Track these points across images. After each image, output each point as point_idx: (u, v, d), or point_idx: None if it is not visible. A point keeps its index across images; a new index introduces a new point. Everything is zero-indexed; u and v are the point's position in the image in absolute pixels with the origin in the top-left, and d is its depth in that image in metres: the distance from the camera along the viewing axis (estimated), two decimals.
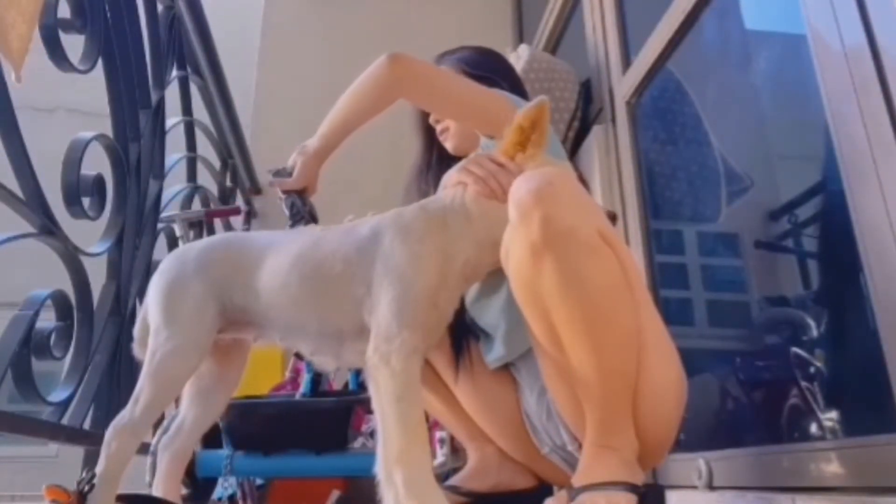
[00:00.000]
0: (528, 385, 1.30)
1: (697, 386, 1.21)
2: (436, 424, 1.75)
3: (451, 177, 1.22)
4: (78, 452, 1.54)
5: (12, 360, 1.28)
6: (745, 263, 1.71)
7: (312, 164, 1.34)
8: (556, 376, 1.17)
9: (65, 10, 1.49)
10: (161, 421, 1.46)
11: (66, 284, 1.53)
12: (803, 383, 1.34)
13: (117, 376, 1.68)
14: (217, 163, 3.05)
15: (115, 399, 1.63)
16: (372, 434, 1.75)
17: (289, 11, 3.74)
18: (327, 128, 1.35)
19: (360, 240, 1.15)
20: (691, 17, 1.72)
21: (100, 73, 1.67)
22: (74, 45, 1.54)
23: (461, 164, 1.20)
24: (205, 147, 2.84)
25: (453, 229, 1.13)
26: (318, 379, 1.72)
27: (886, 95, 1.01)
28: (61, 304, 1.48)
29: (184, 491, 1.52)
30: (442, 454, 1.81)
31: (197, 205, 2.70)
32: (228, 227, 2.90)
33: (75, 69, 1.53)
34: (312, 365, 1.54)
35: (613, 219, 1.22)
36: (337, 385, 1.98)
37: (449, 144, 1.49)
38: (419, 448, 1.02)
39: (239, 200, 3.21)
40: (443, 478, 1.51)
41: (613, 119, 2.16)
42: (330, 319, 1.16)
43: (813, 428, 1.30)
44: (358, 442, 1.79)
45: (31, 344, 1.33)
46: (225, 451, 1.65)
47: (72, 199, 1.49)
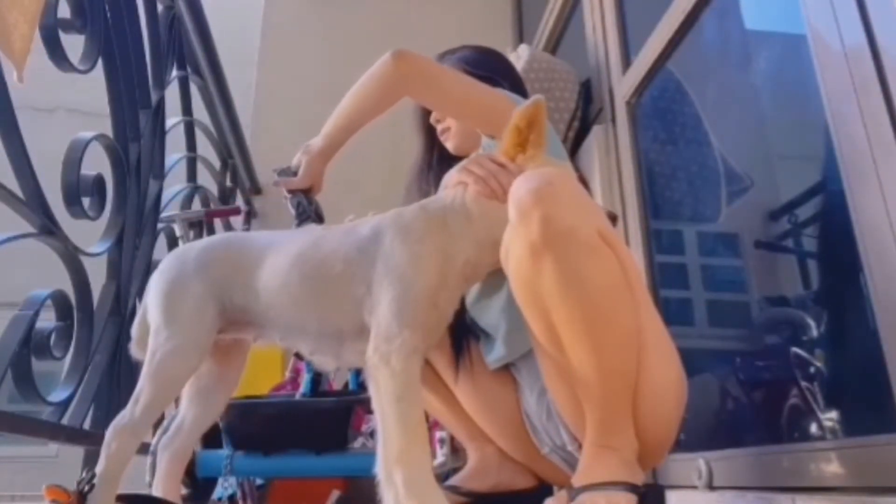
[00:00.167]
0: (528, 385, 1.30)
1: (697, 386, 1.21)
2: (436, 424, 1.75)
3: (451, 177, 1.22)
4: (78, 452, 1.54)
5: (12, 360, 1.28)
6: (745, 263, 1.71)
7: (317, 163, 1.34)
8: (556, 376, 1.17)
9: (65, 10, 1.49)
10: (161, 421, 1.46)
11: (66, 284, 1.53)
12: (803, 383, 1.34)
13: (117, 376, 1.68)
14: (217, 163, 3.05)
15: (115, 399, 1.63)
16: (372, 434, 1.75)
17: (289, 11, 3.74)
18: (332, 126, 1.34)
19: (360, 240, 1.15)
20: (691, 17, 1.72)
21: (100, 73, 1.67)
22: (74, 45, 1.54)
23: (462, 164, 1.20)
24: (205, 147, 2.84)
25: (453, 229, 1.13)
26: (318, 379, 1.72)
27: (886, 95, 1.01)
28: (61, 304, 1.48)
29: (184, 491, 1.52)
30: (442, 454, 1.81)
31: (197, 205, 2.70)
32: (228, 227, 2.90)
33: (75, 69, 1.53)
34: (312, 365, 1.54)
35: (614, 220, 1.22)
36: (337, 385, 1.98)
37: (450, 144, 1.49)
38: (419, 448, 1.02)
39: (239, 200, 3.21)
40: (443, 478, 1.51)
41: (613, 119, 2.17)
42: (330, 319, 1.16)
43: (813, 428, 1.30)
44: (358, 442, 1.79)
45: (31, 344, 1.33)
46: (225, 451, 1.65)
47: (72, 199, 1.49)
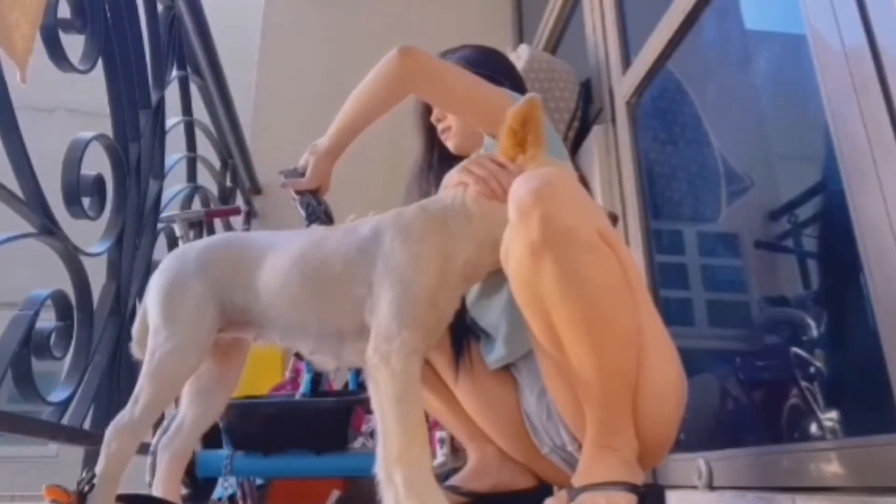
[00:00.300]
0: (528, 385, 1.30)
1: (697, 386, 1.21)
2: (436, 424, 1.75)
3: (452, 177, 1.22)
4: (78, 452, 1.54)
5: (12, 360, 1.28)
6: (745, 263, 1.71)
7: (325, 163, 1.33)
8: (556, 376, 1.17)
9: (65, 10, 1.49)
10: (161, 421, 1.46)
11: (66, 284, 1.53)
12: (803, 383, 1.34)
13: (117, 376, 1.68)
14: (217, 163, 3.05)
15: (115, 399, 1.63)
16: (372, 434, 1.75)
17: (289, 11, 3.74)
18: (338, 125, 1.34)
19: (360, 240, 1.15)
20: (691, 17, 1.72)
21: (100, 73, 1.67)
22: (74, 45, 1.54)
23: (462, 164, 1.20)
24: (205, 147, 2.84)
25: (454, 229, 1.13)
26: (318, 379, 1.72)
27: (886, 95, 1.01)
28: (61, 304, 1.48)
29: (184, 491, 1.52)
30: (442, 454, 1.81)
31: (197, 205, 2.70)
32: (228, 227, 2.90)
33: (75, 69, 1.53)
34: (312, 365, 1.54)
35: (615, 220, 1.22)
36: (337, 385, 1.99)
37: (450, 144, 1.49)
38: (419, 448, 1.02)
39: (239, 200, 3.21)
40: (443, 478, 1.51)
41: (613, 119, 2.16)
42: (330, 319, 1.16)
43: (813, 428, 1.30)
44: (358, 442, 1.79)
45: (31, 344, 1.33)
46: (225, 451, 1.65)
47: (72, 199, 1.49)
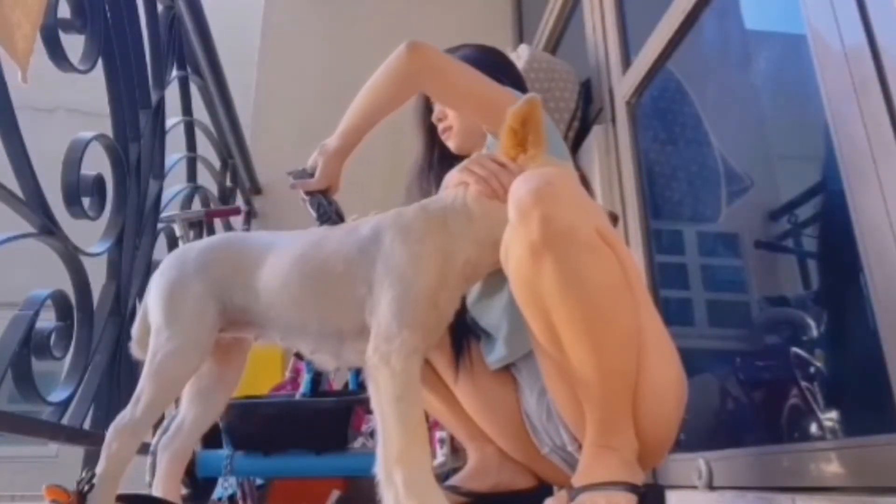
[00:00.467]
0: (528, 385, 1.30)
1: (697, 386, 1.21)
2: (436, 424, 1.75)
3: (452, 177, 1.22)
4: (78, 452, 1.54)
5: (12, 360, 1.28)
6: (745, 263, 1.71)
7: (334, 163, 1.32)
8: (556, 376, 1.17)
9: (65, 10, 1.49)
10: (161, 421, 1.46)
11: (66, 284, 1.53)
12: (803, 383, 1.34)
13: (117, 376, 1.68)
14: (217, 163, 3.05)
15: (115, 399, 1.63)
16: (372, 434, 1.75)
17: (289, 11, 3.74)
18: (347, 124, 1.33)
19: (361, 240, 1.15)
20: (691, 17, 1.72)
21: (100, 73, 1.67)
22: (74, 45, 1.54)
23: (463, 164, 1.19)
24: (205, 147, 2.84)
25: (454, 229, 1.13)
26: (318, 379, 1.72)
27: (886, 95, 1.01)
28: (61, 304, 1.48)
29: (184, 491, 1.52)
30: (442, 454, 1.81)
31: (197, 205, 2.70)
32: (228, 228, 2.90)
33: (75, 69, 1.53)
34: (312, 365, 1.54)
35: (615, 220, 1.22)
36: (337, 385, 1.99)
37: (451, 143, 1.49)
38: (419, 448, 1.02)
39: (239, 200, 3.21)
40: (443, 478, 1.51)
41: (613, 119, 2.17)
42: (331, 319, 1.16)
43: (813, 428, 1.30)
44: (358, 442, 1.79)
45: (31, 344, 1.33)
46: (225, 451, 1.65)
47: (72, 199, 1.49)
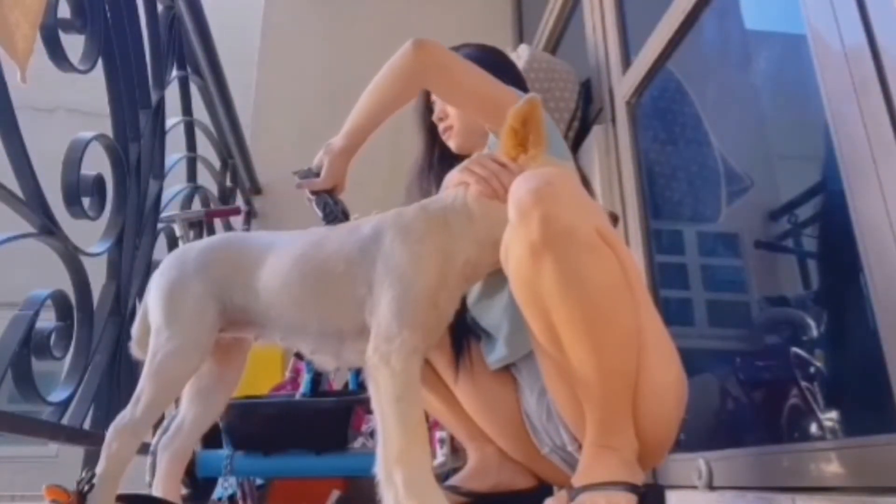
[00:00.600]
0: (528, 385, 1.30)
1: (697, 386, 1.21)
2: (436, 424, 1.75)
3: (453, 177, 1.22)
4: (78, 452, 1.54)
5: (12, 360, 1.28)
6: (745, 263, 1.71)
7: (341, 162, 1.32)
8: (556, 376, 1.17)
9: (65, 10, 1.49)
10: (161, 421, 1.46)
11: (66, 284, 1.53)
12: (803, 383, 1.34)
13: (117, 376, 1.68)
14: (217, 163, 3.05)
15: (115, 399, 1.63)
16: (372, 434, 1.75)
17: (289, 11, 3.74)
18: (352, 123, 1.33)
19: (361, 239, 1.15)
20: (691, 17, 1.72)
21: (100, 73, 1.67)
22: (74, 45, 1.54)
23: (463, 164, 1.19)
24: (205, 147, 2.84)
25: (454, 229, 1.13)
26: (318, 379, 1.72)
27: (886, 95, 1.01)
28: (61, 304, 1.48)
29: (184, 491, 1.52)
30: (442, 454, 1.81)
31: (197, 205, 2.70)
32: (228, 228, 2.90)
33: (75, 69, 1.53)
34: (312, 365, 1.54)
35: (615, 220, 1.22)
36: (337, 385, 1.99)
37: (452, 143, 1.49)
38: (419, 448, 1.02)
39: (239, 200, 3.21)
40: (443, 478, 1.51)
41: (613, 119, 2.17)
42: (331, 319, 1.16)
43: (813, 428, 1.30)
44: (358, 442, 1.79)
45: (31, 344, 1.33)
46: (225, 451, 1.65)
47: (72, 199, 1.49)
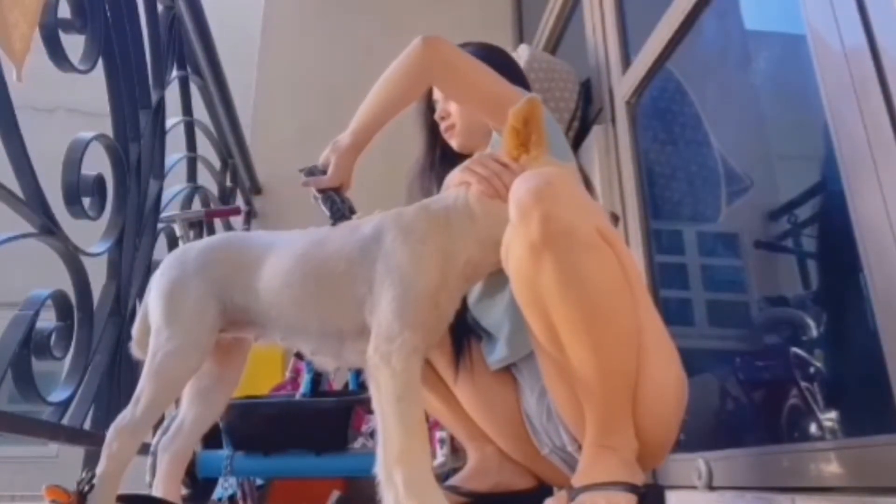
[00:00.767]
0: (528, 386, 1.30)
1: (697, 386, 1.21)
2: (436, 424, 1.75)
3: (454, 176, 1.22)
4: (78, 452, 1.54)
5: (12, 361, 1.28)
6: (745, 263, 1.71)
7: (347, 159, 1.32)
8: (556, 376, 1.17)
9: (65, 10, 1.49)
10: (161, 421, 1.46)
11: (67, 284, 1.53)
12: (803, 383, 1.34)
13: (118, 376, 1.68)
14: (217, 163, 3.05)
15: (115, 399, 1.63)
16: (372, 434, 1.75)
17: (289, 11, 3.74)
18: (360, 120, 1.33)
19: (362, 239, 1.15)
20: (691, 18, 1.72)
21: (100, 73, 1.67)
22: (75, 45, 1.54)
23: (465, 164, 1.20)
24: (205, 147, 2.84)
25: (456, 229, 1.13)
26: (318, 379, 1.72)
27: (886, 95, 1.01)
28: (61, 304, 1.48)
29: (184, 491, 1.52)
30: (442, 454, 1.81)
31: (197, 205, 2.70)
32: (228, 228, 2.90)
33: (75, 69, 1.53)
34: (313, 365, 1.54)
35: (616, 220, 1.22)
36: (337, 385, 1.99)
37: (454, 142, 1.49)
38: (419, 448, 1.02)
39: (239, 200, 3.21)
40: (443, 478, 1.51)
41: (613, 119, 2.17)
42: (331, 319, 1.16)
43: (812, 428, 1.30)
44: (358, 442, 1.79)
45: (31, 344, 1.33)
46: (225, 452, 1.65)
47: (72, 198, 1.49)
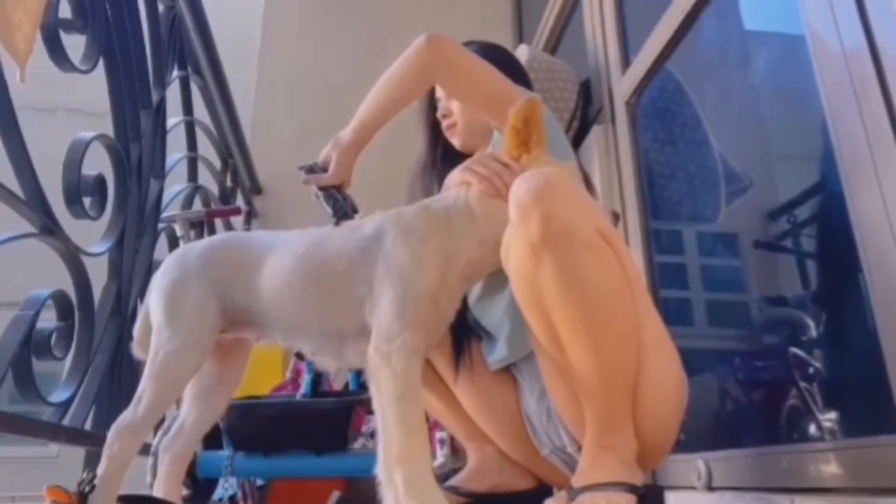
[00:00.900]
0: (528, 386, 1.31)
1: (697, 386, 1.21)
2: (436, 425, 1.75)
3: (454, 176, 1.22)
4: (79, 453, 1.54)
5: (13, 361, 1.28)
6: (744, 263, 1.71)
7: (349, 157, 1.30)
8: (556, 376, 1.17)
9: (66, 10, 1.49)
10: (162, 422, 1.46)
11: (67, 284, 1.53)
12: (802, 384, 1.34)
13: (118, 377, 1.68)
14: (218, 163, 3.05)
15: (116, 400, 1.63)
16: (372, 435, 1.76)
17: (289, 11, 3.75)
18: (362, 116, 1.31)
19: (363, 239, 1.15)
20: (690, 18, 1.72)
21: (100, 73, 1.67)
22: (75, 45, 1.54)
23: (465, 163, 1.20)
24: (205, 147, 2.84)
25: (456, 229, 1.13)
26: (318, 379, 1.73)
27: (886, 96, 1.01)
28: (62, 304, 1.48)
29: (185, 492, 1.52)
30: (442, 455, 1.81)
31: (198, 205, 2.70)
32: (229, 227, 2.90)
33: (76, 69, 1.53)
34: (313, 365, 1.54)
35: (616, 219, 1.22)
36: (337, 385, 1.99)
37: (456, 140, 1.49)
38: (419, 448, 1.02)
39: (239, 200, 3.22)
40: (443, 478, 1.52)
41: (613, 119, 2.17)
42: (332, 319, 1.16)
43: (812, 429, 1.30)
44: (358, 443, 1.79)
45: (31, 344, 1.33)
46: (226, 452, 1.65)
47: (73, 198, 1.49)
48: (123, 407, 1.16)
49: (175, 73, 2.27)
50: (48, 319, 1.41)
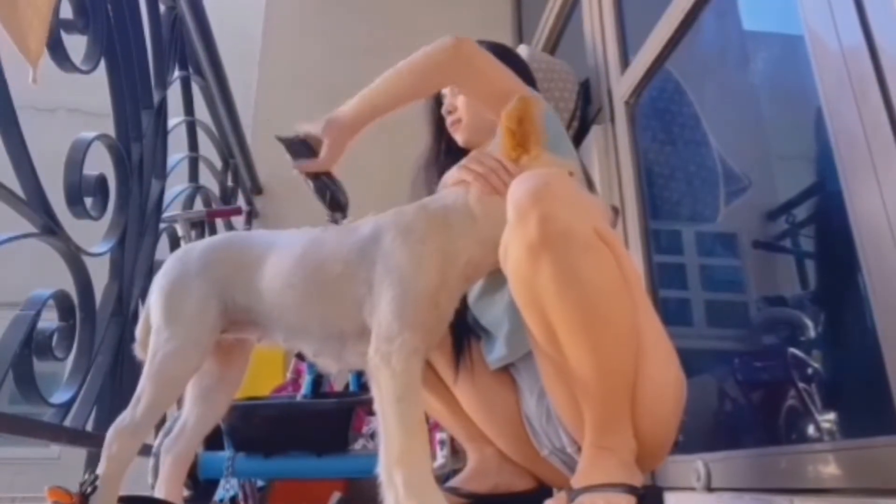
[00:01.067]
0: (527, 387, 1.31)
1: (696, 386, 1.21)
2: (436, 426, 1.75)
3: (451, 175, 1.22)
4: (80, 453, 1.55)
5: (14, 361, 1.28)
6: (743, 264, 1.71)
7: (344, 139, 1.23)
8: (555, 377, 1.17)
9: (67, 11, 1.50)
10: (163, 423, 1.47)
11: (68, 284, 1.53)
12: (801, 384, 1.34)
13: (120, 377, 1.68)
14: (219, 163, 3.05)
15: (117, 400, 1.63)
16: (373, 436, 1.76)
17: (290, 11, 3.75)
18: (368, 98, 1.25)
19: (361, 239, 1.15)
20: (690, 18, 1.72)
21: (101, 73, 1.67)
22: (76, 45, 1.55)
23: (461, 162, 1.20)
24: (206, 147, 2.84)
25: (456, 229, 1.13)
26: (319, 380, 1.73)
27: (885, 95, 1.01)
28: (63, 304, 1.48)
29: (186, 493, 1.52)
30: (442, 456, 1.81)
31: (199, 205, 2.70)
32: (230, 227, 2.91)
33: (78, 69, 1.54)
34: (314, 366, 1.55)
35: (616, 213, 1.21)
36: (338, 386, 1.99)
37: (459, 137, 1.49)
38: (419, 449, 1.02)
39: (240, 200, 3.22)
40: (443, 479, 1.52)
41: (612, 119, 2.17)
42: (332, 320, 1.16)
43: (811, 429, 1.30)
44: (359, 443, 1.79)
45: (32, 344, 1.33)
46: (226, 453, 1.65)
47: (74, 198, 1.50)
48: (125, 407, 1.16)
49: (176, 73, 2.28)
50: (49, 320, 1.41)
